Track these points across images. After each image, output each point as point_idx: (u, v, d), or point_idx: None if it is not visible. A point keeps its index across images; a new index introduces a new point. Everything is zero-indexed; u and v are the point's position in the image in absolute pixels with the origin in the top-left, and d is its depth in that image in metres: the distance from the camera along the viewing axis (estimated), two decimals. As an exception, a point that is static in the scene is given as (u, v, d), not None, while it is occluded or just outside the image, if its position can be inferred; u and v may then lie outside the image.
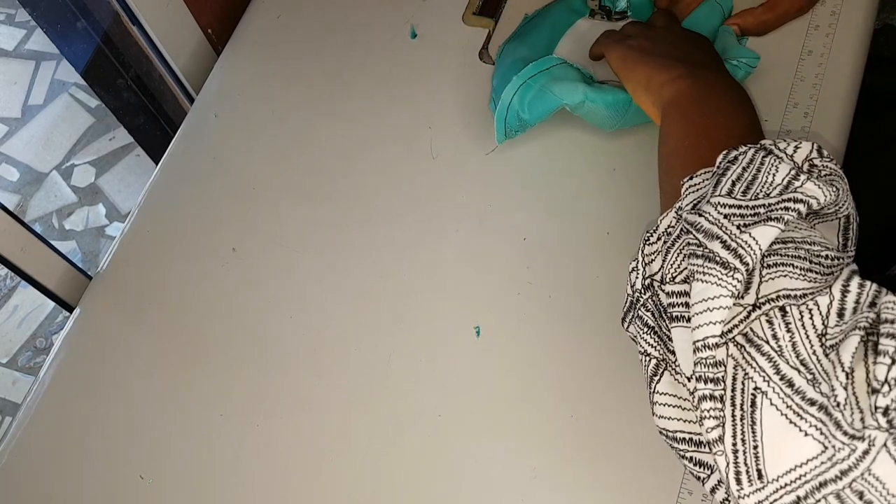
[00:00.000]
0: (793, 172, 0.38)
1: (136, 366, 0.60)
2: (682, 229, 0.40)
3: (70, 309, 0.65)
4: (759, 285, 0.36)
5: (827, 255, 0.38)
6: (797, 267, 0.37)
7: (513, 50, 0.63)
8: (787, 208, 0.37)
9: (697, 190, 0.42)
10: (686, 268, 0.39)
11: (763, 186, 0.38)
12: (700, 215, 0.39)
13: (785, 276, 0.36)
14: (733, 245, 0.36)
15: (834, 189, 0.38)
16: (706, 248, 0.37)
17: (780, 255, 0.37)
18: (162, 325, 0.61)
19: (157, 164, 0.70)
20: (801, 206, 0.37)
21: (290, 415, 0.56)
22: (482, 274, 0.58)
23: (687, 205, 0.41)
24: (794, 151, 0.40)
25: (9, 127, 1.62)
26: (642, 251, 0.43)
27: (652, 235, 0.43)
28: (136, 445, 0.57)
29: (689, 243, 0.39)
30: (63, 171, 1.56)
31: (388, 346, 0.57)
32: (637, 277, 0.43)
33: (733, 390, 0.35)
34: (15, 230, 0.60)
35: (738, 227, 0.37)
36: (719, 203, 0.38)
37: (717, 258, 0.36)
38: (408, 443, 0.54)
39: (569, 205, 0.60)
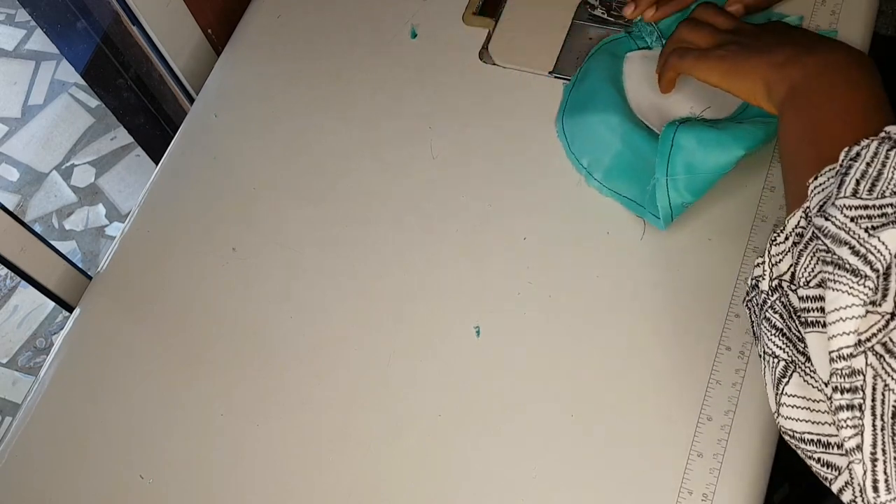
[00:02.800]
0: None
1: (136, 366, 0.60)
2: (812, 234, 0.39)
3: (70, 309, 0.65)
4: (892, 287, 0.35)
5: None
6: None
7: (586, 120, 0.60)
8: None
9: (823, 190, 0.40)
10: (819, 273, 0.38)
11: (889, 183, 0.37)
12: (826, 219, 0.38)
13: None
14: (862, 251, 0.36)
15: None
16: (835, 254, 0.36)
17: None
18: (162, 325, 0.61)
19: (157, 164, 0.70)
20: None
21: (290, 415, 0.56)
22: (482, 274, 0.58)
23: (815, 206, 0.40)
24: None
25: (9, 127, 1.62)
26: (769, 251, 0.43)
27: (779, 235, 0.42)
28: (136, 445, 0.57)
29: (818, 249, 0.38)
30: (63, 171, 1.56)
31: (388, 346, 0.57)
32: (763, 277, 0.43)
33: (873, 401, 0.35)
34: (15, 230, 0.60)
35: (865, 229, 0.36)
36: (844, 205, 0.37)
37: (847, 265, 0.36)
38: (408, 443, 0.54)
39: (569, 205, 0.60)
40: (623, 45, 0.63)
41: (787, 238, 0.42)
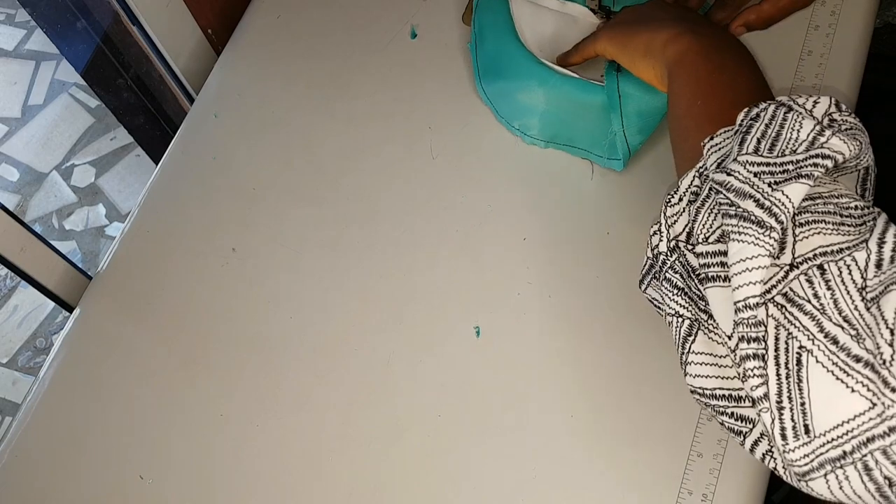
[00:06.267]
0: (817, 128, 0.38)
1: (136, 366, 0.60)
2: (710, 189, 0.40)
3: (70, 309, 0.65)
4: (794, 244, 0.36)
5: (856, 207, 0.38)
6: (829, 222, 0.37)
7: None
8: (815, 164, 0.37)
9: (720, 149, 0.42)
10: (719, 227, 0.39)
11: (788, 143, 0.38)
12: (729, 174, 0.38)
13: (818, 233, 0.36)
14: (767, 203, 0.36)
15: (857, 143, 0.38)
16: (739, 207, 0.37)
17: (811, 212, 0.37)
18: (162, 325, 0.61)
19: (157, 164, 0.70)
20: (828, 162, 0.37)
21: (290, 415, 0.56)
22: (482, 274, 0.58)
23: (711, 164, 0.41)
24: (814, 107, 0.40)
25: (9, 127, 1.62)
26: (664, 213, 0.43)
27: (673, 196, 0.43)
28: (136, 445, 0.57)
29: (720, 203, 0.38)
30: (63, 171, 1.56)
31: (388, 345, 0.57)
32: (661, 240, 0.43)
33: (776, 350, 0.35)
34: (15, 230, 0.60)
35: (769, 184, 0.37)
36: (748, 161, 0.38)
37: (753, 217, 0.36)
38: (408, 443, 0.54)
39: (569, 205, 0.60)
40: None
41: (680, 199, 0.42)
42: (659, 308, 0.45)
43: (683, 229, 0.42)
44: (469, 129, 0.64)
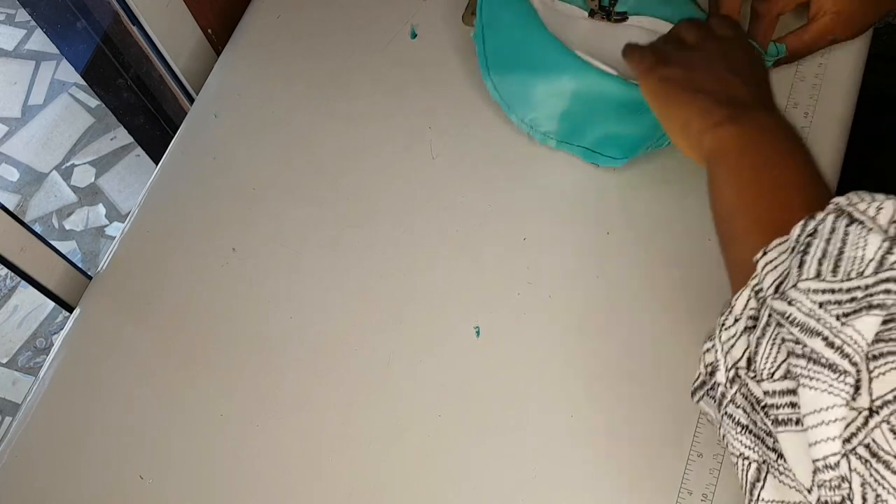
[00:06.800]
0: (886, 245, 0.34)
1: (136, 366, 0.60)
2: (770, 318, 0.36)
3: (70, 309, 0.65)
4: (870, 383, 0.32)
5: None
6: None
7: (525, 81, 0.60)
8: (887, 290, 0.33)
9: (776, 267, 0.38)
10: (784, 361, 0.35)
11: (854, 263, 0.34)
12: (790, 303, 0.35)
13: (894, 369, 0.32)
14: (837, 342, 0.33)
15: None
16: (806, 345, 0.33)
17: (885, 339, 0.33)
18: (162, 325, 0.61)
19: (157, 164, 0.70)
20: None
21: (290, 415, 0.56)
22: (482, 274, 0.58)
23: (769, 286, 0.37)
24: (877, 213, 0.36)
25: (9, 127, 1.62)
26: (719, 337, 0.40)
27: (728, 317, 0.39)
28: (136, 445, 0.57)
29: (785, 339, 0.35)
30: (63, 171, 1.57)
31: (388, 346, 0.57)
32: (718, 364, 0.39)
33: None
34: (15, 230, 0.60)
35: (836, 317, 0.33)
36: (810, 289, 0.34)
37: (823, 360, 0.33)
38: (408, 443, 0.54)
39: (569, 205, 0.60)
40: None
41: (736, 320, 0.39)
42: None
43: (742, 355, 0.38)
44: (469, 129, 0.64)
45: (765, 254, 0.38)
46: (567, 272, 0.57)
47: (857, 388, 0.33)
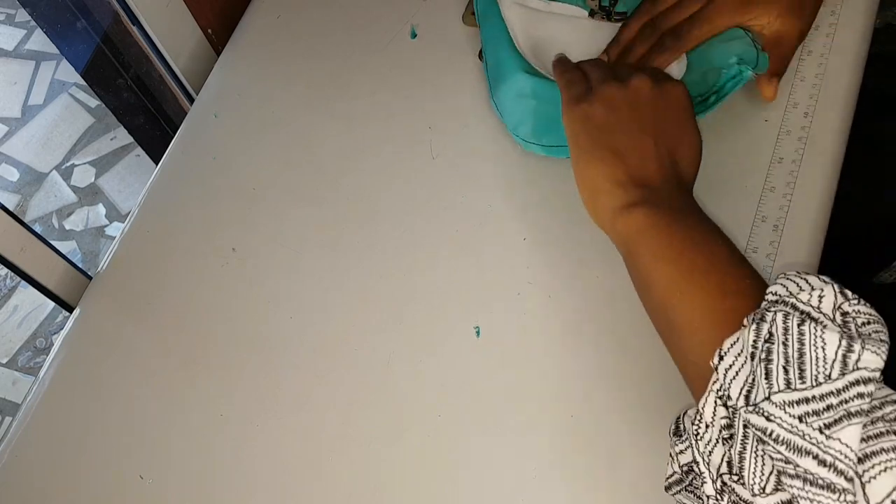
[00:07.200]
0: (844, 343, 0.34)
1: (136, 366, 0.60)
2: (747, 430, 0.36)
3: (70, 309, 0.65)
4: (864, 490, 0.32)
5: None
6: (890, 449, 0.32)
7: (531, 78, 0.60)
8: (860, 395, 0.33)
9: (737, 373, 0.37)
10: (771, 474, 0.35)
11: (818, 364, 0.34)
12: (769, 419, 0.34)
13: (886, 469, 0.32)
14: (829, 459, 0.32)
15: (885, 345, 0.34)
16: (798, 465, 0.33)
17: (865, 440, 0.33)
18: (162, 325, 0.61)
19: (157, 164, 0.70)
20: (870, 388, 0.33)
21: (290, 415, 0.56)
22: (482, 274, 0.58)
23: (737, 396, 0.36)
24: (820, 302, 0.36)
25: (9, 127, 1.62)
26: (697, 448, 0.39)
27: (699, 426, 0.39)
28: (136, 445, 0.57)
29: (771, 457, 0.34)
30: (63, 171, 1.57)
31: (388, 346, 0.57)
32: (704, 477, 0.38)
33: None
34: (15, 230, 0.60)
35: (819, 430, 0.33)
36: (784, 402, 0.34)
37: (820, 481, 0.32)
38: (408, 443, 0.54)
39: (569, 205, 0.60)
40: None
41: (707, 426, 0.38)
42: None
43: (722, 461, 0.37)
44: (469, 129, 0.64)
45: (721, 358, 0.38)
46: (567, 272, 0.57)
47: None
